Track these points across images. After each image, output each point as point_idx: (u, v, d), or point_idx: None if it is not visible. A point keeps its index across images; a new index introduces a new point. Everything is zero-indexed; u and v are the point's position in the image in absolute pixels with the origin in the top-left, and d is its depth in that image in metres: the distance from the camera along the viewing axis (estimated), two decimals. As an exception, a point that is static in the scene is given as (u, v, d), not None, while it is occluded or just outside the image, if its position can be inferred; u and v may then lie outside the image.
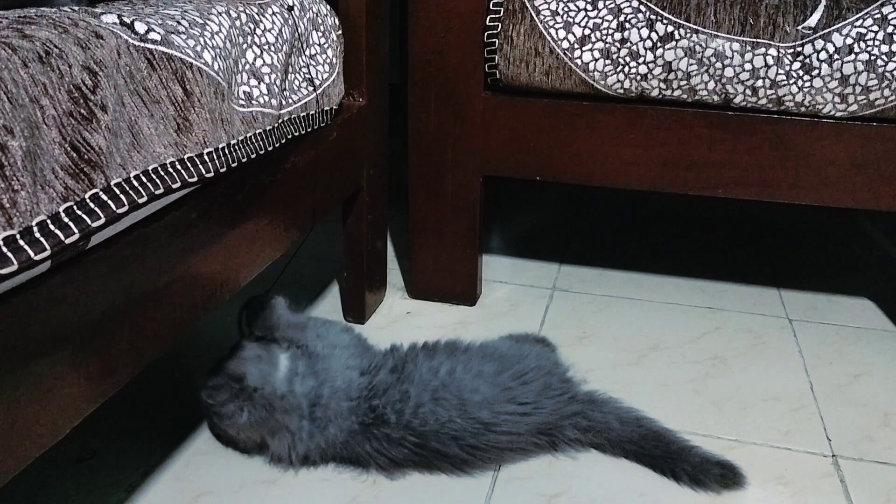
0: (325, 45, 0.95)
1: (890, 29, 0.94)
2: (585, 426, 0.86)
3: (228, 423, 0.83)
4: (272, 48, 0.80)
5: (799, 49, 0.96)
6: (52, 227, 0.50)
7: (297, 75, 0.88)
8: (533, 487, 0.83)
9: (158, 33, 0.62)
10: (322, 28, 0.94)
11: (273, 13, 0.82)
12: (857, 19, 0.95)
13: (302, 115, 0.88)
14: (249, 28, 0.77)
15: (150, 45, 0.61)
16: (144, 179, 0.59)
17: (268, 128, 0.80)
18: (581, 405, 0.87)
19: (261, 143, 0.78)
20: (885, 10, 0.95)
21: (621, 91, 1.03)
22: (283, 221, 0.87)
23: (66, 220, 0.51)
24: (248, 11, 0.78)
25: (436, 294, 1.23)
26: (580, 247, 1.47)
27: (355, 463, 0.83)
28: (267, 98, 0.79)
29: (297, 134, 0.88)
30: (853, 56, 0.95)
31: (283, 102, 0.83)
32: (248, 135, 0.75)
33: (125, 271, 0.60)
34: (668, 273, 1.35)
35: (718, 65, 0.98)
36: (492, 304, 1.23)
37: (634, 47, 1.00)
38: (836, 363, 1.08)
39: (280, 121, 0.83)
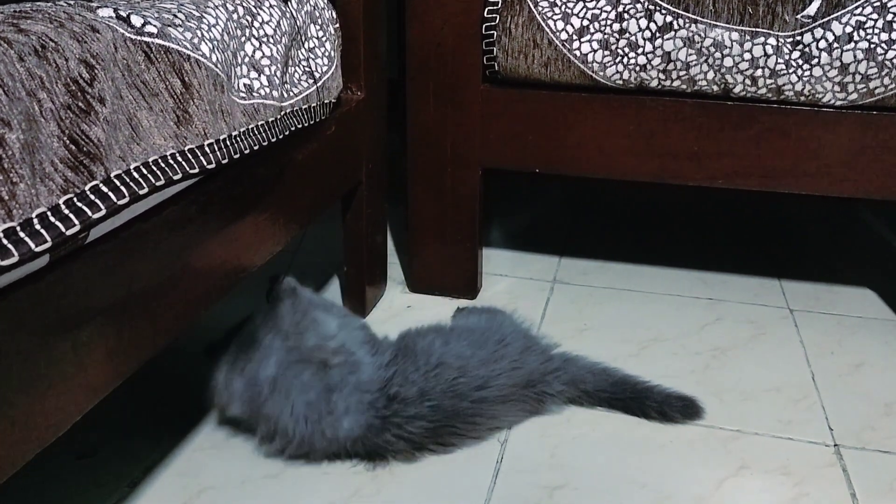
0: (324, 39, 0.94)
1: (889, 17, 0.94)
2: (566, 380, 0.92)
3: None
4: (271, 40, 0.80)
5: (798, 38, 0.96)
6: (52, 218, 0.49)
7: (298, 68, 0.88)
8: (535, 479, 0.83)
9: (155, 26, 0.62)
10: (320, 21, 0.94)
11: (270, 5, 0.81)
12: (856, 7, 0.95)
13: (304, 107, 0.88)
14: (247, 21, 0.77)
15: (146, 39, 0.60)
16: (145, 171, 0.59)
17: (270, 119, 0.79)
18: (559, 362, 0.94)
19: (263, 134, 0.78)
20: (885, -2, 0.95)
21: (620, 82, 1.03)
22: (283, 216, 0.86)
23: (66, 211, 0.51)
24: (245, 4, 0.77)
25: (436, 288, 1.23)
26: (580, 239, 1.47)
27: (369, 457, 0.84)
28: (268, 90, 0.78)
29: (299, 126, 0.88)
30: (853, 44, 0.94)
31: (285, 95, 0.83)
32: (250, 126, 0.75)
33: (125, 266, 0.59)
34: (669, 264, 1.35)
35: (717, 55, 0.98)
36: (492, 298, 1.23)
37: (633, 38, 1.00)
38: (837, 353, 1.08)
39: (283, 113, 0.82)
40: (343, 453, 0.83)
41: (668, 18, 0.98)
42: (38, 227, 0.48)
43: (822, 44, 0.95)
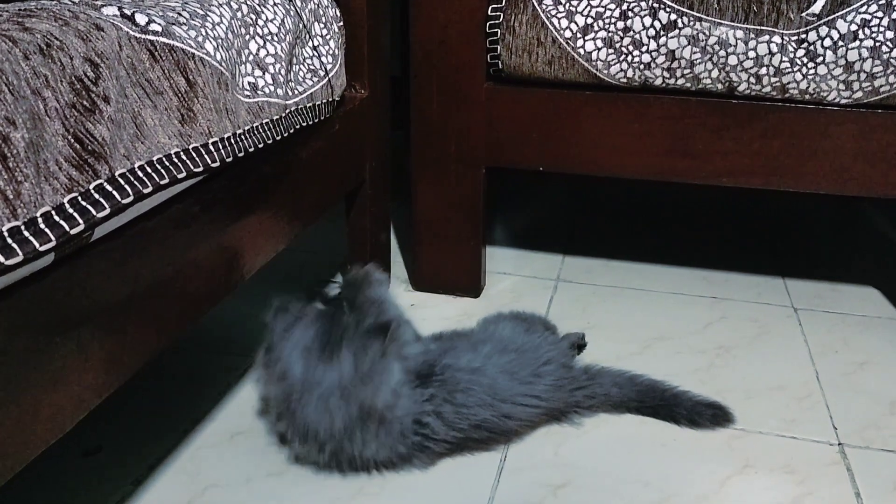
0: (328, 37, 0.94)
1: (895, 15, 0.94)
2: (589, 404, 0.92)
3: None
4: (275, 38, 0.80)
5: (803, 36, 0.96)
6: (56, 217, 0.49)
7: (303, 66, 0.88)
8: (539, 478, 0.83)
9: (159, 25, 0.62)
10: (324, 20, 0.94)
11: (275, 3, 0.81)
12: (861, 5, 0.94)
13: (308, 105, 0.88)
14: (251, 19, 0.77)
15: (151, 37, 0.60)
16: (149, 170, 0.59)
17: (275, 118, 0.79)
18: (584, 390, 0.92)
19: (268, 132, 0.78)
20: (890, -5, 0.94)
21: (624, 80, 1.03)
22: (287, 214, 0.86)
23: (70, 210, 0.51)
24: (249, 2, 0.77)
25: (440, 286, 1.23)
26: (584, 237, 1.46)
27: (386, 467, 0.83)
28: (272, 88, 0.78)
29: (304, 124, 0.88)
30: (858, 43, 0.94)
31: (290, 93, 0.83)
32: (254, 125, 0.75)
33: (129, 264, 0.59)
34: (673, 263, 1.35)
35: (722, 53, 0.97)
36: (496, 296, 1.23)
37: (637, 36, 0.99)
38: (841, 352, 1.08)
39: (287, 111, 0.82)
40: (364, 469, 0.83)
41: (673, 16, 0.98)
42: (42, 226, 0.48)
43: (827, 42, 0.95)
